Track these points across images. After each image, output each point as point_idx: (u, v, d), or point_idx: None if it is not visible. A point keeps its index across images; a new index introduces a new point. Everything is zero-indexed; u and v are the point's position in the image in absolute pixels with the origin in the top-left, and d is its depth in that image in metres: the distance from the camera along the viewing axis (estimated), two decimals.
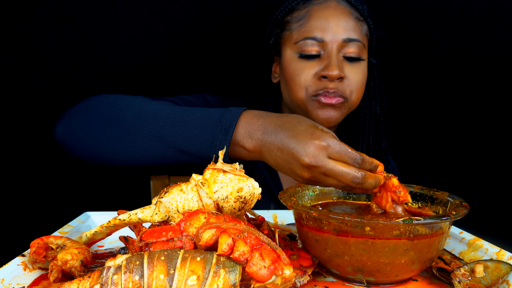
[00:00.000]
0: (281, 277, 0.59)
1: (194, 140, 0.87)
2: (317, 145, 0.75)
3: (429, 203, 0.84)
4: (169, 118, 0.90)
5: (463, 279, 0.70)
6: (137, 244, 0.66)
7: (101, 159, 0.98)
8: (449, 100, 1.58)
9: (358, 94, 1.21)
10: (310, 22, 1.18)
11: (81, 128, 0.96)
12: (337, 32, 1.16)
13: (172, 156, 0.91)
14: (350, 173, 0.74)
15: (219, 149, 0.84)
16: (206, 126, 0.86)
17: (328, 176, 0.75)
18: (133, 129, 0.91)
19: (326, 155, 0.75)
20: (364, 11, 1.22)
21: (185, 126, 0.88)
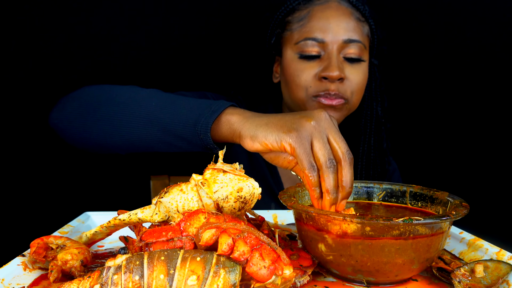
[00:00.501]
0: (281, 277, 0.59)
1: (179, 118, 0.87)
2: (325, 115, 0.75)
3: (429, 203, 0.84)
4: (161, 100, 0.91)
5: (463, 279, 0.70)
6: (137, 244, 0.66)
7: (91, 141, 0.98)
8: (449, 100, 1.58)
9: (358, 95, 1.21)
10: (311, 23, 1.18)
11: (73, 111, 0.98)
12: (337, 33, 1.16)
13: (156, 136, 0.90)
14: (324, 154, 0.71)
15: (203, 126, 0.84)
16: (195, 108, 0.87)
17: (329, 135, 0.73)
18: (123, 109, 0.92)
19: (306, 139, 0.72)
20: (365, 11, 1.22)
21: (175, 107, 0.89)
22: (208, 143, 0.86)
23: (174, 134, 0.89)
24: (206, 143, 0.86)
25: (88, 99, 0.98)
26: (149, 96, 0.93)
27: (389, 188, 0.89)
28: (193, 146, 0.89)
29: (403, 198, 0.88)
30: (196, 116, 0.86)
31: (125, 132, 0.93)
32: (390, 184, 0.90)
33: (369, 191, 0.90)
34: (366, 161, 1.33)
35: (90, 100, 0.97)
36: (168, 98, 0.92)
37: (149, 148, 0.95)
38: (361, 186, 0.90)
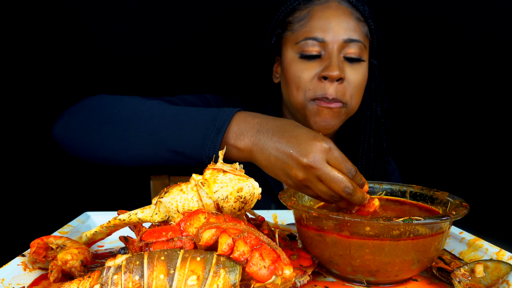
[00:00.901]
0: (281, 277, 0.59)
1: (186, 140, 0.86)
2: (319, 147, 0.75)
3: (429, 203, 0.84)
4: (163, 118, 0.90)
5: (463, 279, 0.70)
6: (137, 244, 0.66)
7: (97, 158, 0.98)
8: (449, 100, 1.58)
9: (357, 98, 1.21)
10: (311, 22, 1.18)
11: (77, 127, 0.97)
12: (338, 33, 1.16)
13: (164, 156, 0.90)
14: (344, 181, 0.73)
15: (211, 149, 0.83)
16: (199, 125, 0.86)
17: (322, 181, 0.74)
18: (127, 128, 0.92)
19: (325, 159, 0.75)
20: (365, 12, 1.22)
21: (178, 125, 0.88)
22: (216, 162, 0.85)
23: (182, 155, 0.88)
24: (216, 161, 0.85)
25: (91, 114, 0.96)
26: (151, 113, 0.91)
27: (389, 188, 0.89)
28: (201, 163, 0.88)
29: (403, 198, 0.88)
30: (201, 137, 0.84)
31: (132, 150, 0.92)
32: (390, 184, 0.90)
33: (369, 191, 0.90)
34: (366, 161, 1.33)
35: (93, 116, 0.96)
36: (170, 114, 0.90)
37: (157, 164, 0.94)
38: None
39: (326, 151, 0.75)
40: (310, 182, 0.76)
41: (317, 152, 0.75)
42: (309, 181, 0.76)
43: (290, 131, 0.80)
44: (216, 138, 0.83)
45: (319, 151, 0.75)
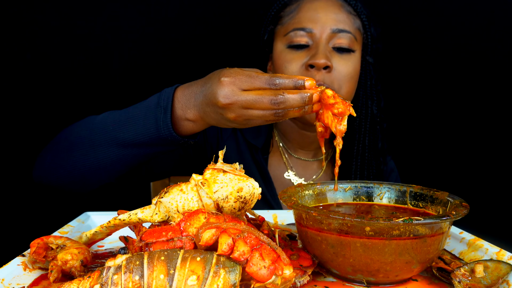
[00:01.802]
0: (281, 277, 0.59)
1: (141, 130, 0.90)
2: (224, 83, 0.77)
3: (429, 203, 0.84)
4: (115, 121, 0.94)
5: (463, 279, 0.70)
6: (137, 244, 0.66)
7: (79, 185, 1.01)
8: (449, 100, 1.58)
9: (347, 88, 1.19)
10: (300, 14, 1.19)
11: (50, 165, 1.01)
12: (326, 23, 1.16)
13: (131, 154, 0.93)
14: (264, 97, 0.74)
15: (165, 129, 0.87)
16: (148, 113, 0.89)
17: (248, 108, 0.76)
18: (89, 143, 0.95)
19: (238, 89, 0.76)
20: (357, 7, 1.22)
21: (131, 121, 0.91)
22: (178, 139, 0.89)
23: (146, 146, 0.91)
24: (177, 141, 0.89)
25: (58, 149, 1.00)
26: (104, 123, 0.95)
27: (389, 188, 0.89)
28: (169, 147, 0.92)
29: (403, 198, 0.88)
30: (153, 122, 0.88)
31: (101, 162, 0.95)
32: (390, 184, 0.90)
33: (369, 191, 0.90)
34: (361, 162, 1.31)
35: (59, 145, 1.00)
36: (121, 115, 0.94)
37: (134, 165, 0.98)
38: (361, 186, 0.90)
39: (232, 82, 0.77)
40: (243, 115, 0.78)
41: (225, 88, 0.77)
42: (241, 115, 0.78)
43: (205, 80, 0.83)
44: (165, 117, 0.87)
45: (227, 86, 0.77)
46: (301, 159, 1.33)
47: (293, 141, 1.32)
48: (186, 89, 0.89)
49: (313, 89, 0.76)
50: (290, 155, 1.33)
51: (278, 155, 1.33)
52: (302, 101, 0.75)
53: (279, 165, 1.32)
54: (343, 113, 0.76)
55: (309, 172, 1.33)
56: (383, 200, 0.89)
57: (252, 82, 0.77)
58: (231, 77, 0.78)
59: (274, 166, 1.32)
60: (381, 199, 0.89)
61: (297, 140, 1.31)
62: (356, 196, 0.90)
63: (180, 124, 0.89)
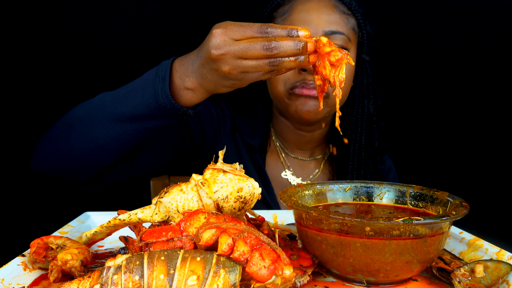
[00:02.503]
0: (281, 277, 0.59)
1: (140, 101, 0.89)
2: (215, 34, 0.77)
3: (429, 203, 0.84)
4: (114, 97, 0.93)
5: (463, 279, 0.70)
6: (137, 244, 0.66)
7: (78, 171, 1.00)
8: (449, 100, 1.58)
9: (342, 89, 1.17)
10: (292, 16, 1.18)
11: (48, 151, 1.00)
12: (318, 25, 1.15)
13: (131, 129, 0.92)
14: (257, 43, 0.74)
15: (164, 97, 0.86)
16: (146, 84, 0.89)
17: (242, 58, 0.75)
18: (88, 123, 0.94)
19: (229, 39, 0.76)
20: (351, 5, 1.21)
21: (129, 95, 0.91)
22: (178, 108, 0.88)
23: (145, 119, 0.90)
24: (177, 110, 0.88)
25: (56, 133, 0.99)
26: (102, 100, 0.94)
27: (389, 188, 0.89)
28: (169, 119, 0.91)
29: (403, 198, 0.88)
30: (152, 92, 0.87)
31: (101, 140, 0.94)
32: (390, 185, 0.90)
33: (369, 191, 0.90)
34: (357, 161, 1.30)
35: (56, 130, 0.99)
36: (118, 91, 0.93)
37: (134, 143, 0.96)
38: (361, 186, 0.90)
39: (223, 32, 0.76)
40: (238, 66, 0.77)
41: (217, 38, 0.77)
42: (235, 66, 0.77)
43: (201, 46, 0.83)
44: (164, 86, 0.86)
45: (218, 36, 0.77)
46: (298, 158, 1.33)
47: (290, 141, 1.32)
48: (183, 59, 0.89)
49: (308, 38, 0.75)
50: (287, 155, 1.33)
51: (275, 155, 1.33)
52: (296, 48, 0.74)
53: (277, 164, 1.32)
54: (340, 60, 0.75)
55: (306, 172, 1.33)
56: (383, 200, 0.89)
57: (244, 31, 0.76)
58: (222, 28, 0.77)
59: (272, 166, 1.32)
60: (381, 199, 0.89)
61: (293, 140, 1.31)
62: (356, 196, 0.90)
63: (179, 94, 0.88)
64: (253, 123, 1.31)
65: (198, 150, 1.27)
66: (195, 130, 1.24)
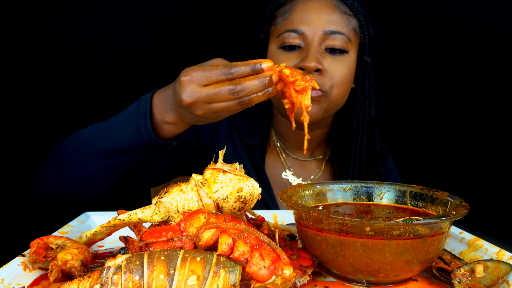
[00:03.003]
0: (281, 277, 0.59)
1: (124, 138, 0.91)
2: (183, 82, 0.79)
3: (429, 203, 0.84)
4: (100, 133, 0.96)
5: (463, 279, 0.70)
6: (137, 244, 0.66)
7: (76, 195, 1.03)
8: (450, 100, 1.58)
9: (339, 89, 1.17)
10: (292, 15, 1.18)
11: (44, 183, 1.04)
12: (318, 24, 1.15)
13: (119, 162, 0.96)
14: (223, 88, 0.76)
15: (146, 134, 0.88)
16: (129, 121, 0.91)
17: (211, 102, 0.77)
18: (77, 159, 0.98)
19: (197, 86, 0.78)
20: (353, 6, 1.20)
21: (114, 131, 0.93)
22: (161, 143, 0.91)
23: (131, 153, 0.93)
24: (160, 144, 0.91)
25: (52, 168, 1.02)
26: (89, 136, 0.98)
27: (389, 188, 0.89)
28: (154, 151, 0.94)
29: (403, 198, 0.88)
30: (135, 129, 0.90)
31: (95, 175, 0.97)
32: (390, 184, 0.90)
33: (369, 191, 0.90)
34: (359, 164, 1.28)
35: (52, 161, 1.03)
36: (104, 127, 0.96)
37: (125, 172, 0.99)
38: (361, 186, 0.90)
39: (190, 80, 0.78)
40: (210, 110, 0.79)
41: (185, 87, 0.78)
42: (207, 110, 0.79)
43: (174, 85, 0.85)
44: (146, 123, 0.88)
45: (186, 85, 0.78)
46: (299, 159, 1.32)
47: (290, 141, 1.31)
48: (161, 93, 0.91)
49: (272, 70, 0.76)
50: (287, 155, 1.32)
51: (275, 155, 1.33)
52: (262, 85, 0.76)
53: (277, 165, 1.32)
54: (304, 88, 0.76)
55: (307, 172, 1.33)
56: (383, 200, 0.89)
57: (209, 76, 0.78)
58: (189, 76, 0.79)
59: (272, 166, 1.32)
60: (381, 199, 0.89)
61: (293, 140, 1.30)
62: (356, 196, 0.90)
63: (161, 128, 0.90)
64: (253, 123, 1.31)
65: (195, 154, 1.27)
66: (190, 137, 1.25)
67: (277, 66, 0.77)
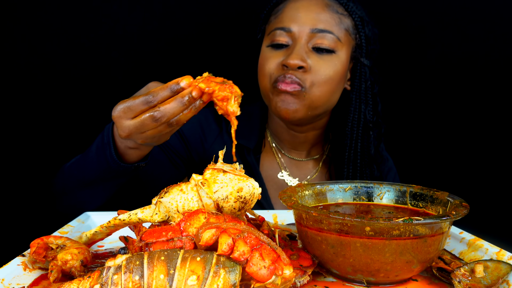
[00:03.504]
0: (281, 277, 0.59)
1: (97, 167, 0.97)
2: (114, 119, 0.82)
3: (429, 203, 0.84)
4: (78, 166, 1.03)
5: (463, 279, 0.70)
6: (137, 244, 0.66)
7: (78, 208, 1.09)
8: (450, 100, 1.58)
9: (321, 87, 1.14)
10: (283, 14, 1.19)
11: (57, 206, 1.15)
12: (305, 23, 1.15)
13: (102, 189, 1.02)
14: (146, 117, 0.78)
15: (113, 163, 0.93)
16: (98, 151, 0.96)
17: (141, 132, 0.80)
18: (66, 191, 1.07)
19: (126, 120, 0.80)
20: (348, 6, 1.19)
21: (88, 162, 0.99)
22: (129, 167, 0.95)
23: (108, 180, 0.99)
24: (129, 168, 0.95)
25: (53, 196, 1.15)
26: (70, 169, 1.06)
27: (389, 188, 0.89)
28: (127, 175, 0.98)
29: (403, 198, 0.88)
30: (103, 159, 0.94)
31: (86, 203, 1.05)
32: (390, 184, 0.90)
33: (369, 191, 0.90)
34: (353, 168, 1.26)
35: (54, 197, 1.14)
36: (81, 158, 1.03)
37: (111, 194, 1.05)
38: (361, 186, 0.90)
39: (119, 116, 0.81)
40: (146, 137, 0.82)
41: (117, 123, 0.82)
42: (145, 138, 0.82)
43: None
44: (110, 152, 0.93)
45: (117, 121, 0.82)
46: (295, 159, 1.31)
47: (285, 141, 1.30)
48: None
49: (191, 86, 0.76)
50: (283, 155, 1.31)
51: (271, 156, 1.32)
52: (182, 104, 0.76)
53: (272, 165, 1.31)
54: (225, 97, 0.77)
55: (303, 172, 1.31)
56: (383, 200, 0.89)
57: (133, 109, 0.79)
58: (117, 112, 0.81)
59: (267, 167, 1.30)
60: (381, 199, 0.89)
61: (288, 140, 1.29)
62: (356, 196, 0.90)
63: (126, 153, 0.94)
64: (248, 123, 1.29)
65: (188, 162, 1.27)
66: (178, 148, 1.25)
67: (197, 80, 0.77)
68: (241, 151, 1.27)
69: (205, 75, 0.78)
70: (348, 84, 1.26)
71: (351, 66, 1.25)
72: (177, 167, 1.25)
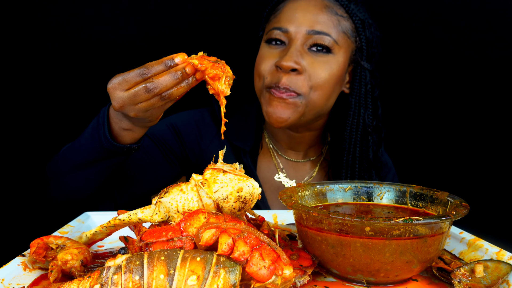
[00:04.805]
0: (281, 277, 0.59)
1: (91, 148, 0.98)
2: (109, 90, 0.83)
3: (429, 203, 0.84)
4: (72, 149, 1.03)
5: (463, 279, 0.70)
6: (137, 244, 0.66)
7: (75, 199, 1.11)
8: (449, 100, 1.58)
9: (320, 91, 1.13)
10: (281, 14, 1.18)
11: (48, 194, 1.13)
12: (302, 23, 1.14)
13: (94, 172, 1.02)
14: (139, 88, 0.79)
15: (106, 140, 0.93)
16: (93, 132, 0.97)
17: (134, 104, 0.81)
18: (58, 175, 1.06)
19: (121, 91, 0.81)
20: (348, 8, 1.18)
21: (82, 144, 1.00)
22: (121, 147, 0.95)
23: (100, 161, 0.99)
24: (121, 149, 0.96)
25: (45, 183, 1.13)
26: (64, 154, 1.06)
27: (389, 188, 0.89)
28: (120, 157, 0.99)
29: (403, 198, 0.88)
30: (97, 139, 0.95)
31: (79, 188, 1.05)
32: (390, 185, 0.90)
33: (369, 191, 0.90)
34: (351, 173, 1.24)
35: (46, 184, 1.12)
36: (74, 144, 1.04)
37: (103, 179, 1.05)
38: (361, 186, 0.90)
39: (114, 87, 0.82)
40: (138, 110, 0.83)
41: (112, 94, 0.83)
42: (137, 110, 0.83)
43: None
44: (104, 131, 0.94)
45: (112, 92, 0.83)
46: (292, 160, 1.30)
47: (281, 141, 1.29)
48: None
49: (185, 62, 0.78)
50: (280, 156, 1.30)
51: (268, 157, 1.30)
52: (175, 78, 0.78)
53: (270, 167, 1.29)
54: (216, 76, 0.79)
55: (300, 174, 1.30)
56: (383, 200, 0.89)
57: (127, 80, 0.81)
58: (112, 83, 0.83)
59: (264, 168, 1.29)
60: (381, 199, 0.89)
61: (284, 140, 1.28)
62: (356, 196, 0.90)
63: (120, 135, 0.95)
64: (245, 124, 1.28)
65: (184, 161, 1.27)
66: (174, 145, 1.24)
67: (192, 57, 0.79)
68: (237, 152, 1.26)
69: (200, 54, 0.80)
70: (347, 87, 1.24)
71: (351, 69, 1.23)
72: (172, 166, 1.24)
